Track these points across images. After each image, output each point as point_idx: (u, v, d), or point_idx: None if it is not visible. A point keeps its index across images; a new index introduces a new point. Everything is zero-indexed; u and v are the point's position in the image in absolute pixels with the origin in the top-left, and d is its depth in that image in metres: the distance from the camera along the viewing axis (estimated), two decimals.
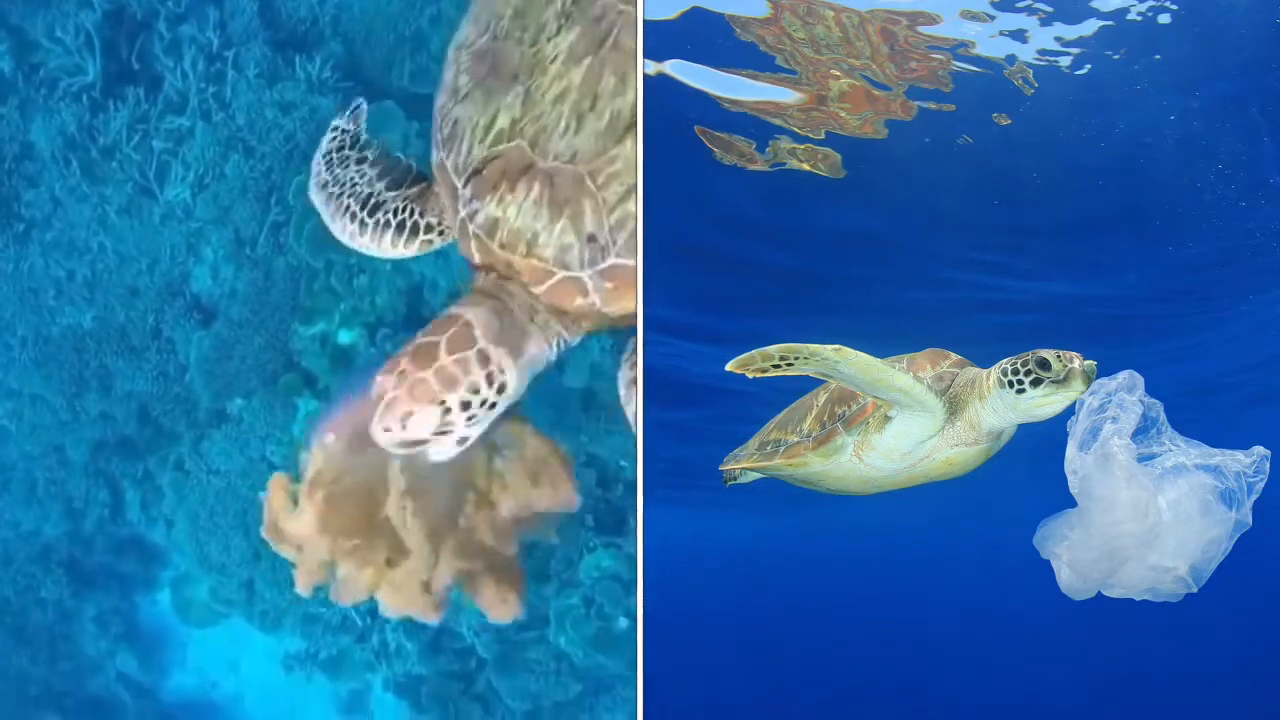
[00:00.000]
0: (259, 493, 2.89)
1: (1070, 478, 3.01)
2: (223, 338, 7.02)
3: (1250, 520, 3.03)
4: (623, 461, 6.79)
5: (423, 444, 2.57)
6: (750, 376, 2.77)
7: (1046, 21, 4.39)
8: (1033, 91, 4.66)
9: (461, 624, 7.11)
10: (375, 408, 2.53)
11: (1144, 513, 2.96)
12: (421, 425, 2.54)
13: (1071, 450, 3.01)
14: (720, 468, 3.66)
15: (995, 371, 2.91)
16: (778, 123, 4.83)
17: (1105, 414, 2.98)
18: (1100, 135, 4.84)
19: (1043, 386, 2.82)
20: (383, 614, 2.94)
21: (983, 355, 3.08)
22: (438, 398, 2.53)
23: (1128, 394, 2.99)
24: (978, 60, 4.54)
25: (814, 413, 3.20)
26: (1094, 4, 4.32)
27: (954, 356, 3.10)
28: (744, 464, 3.43)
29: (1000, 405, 2.90)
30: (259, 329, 6.95)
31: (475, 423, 2.60)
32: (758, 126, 4.84)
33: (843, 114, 4.78)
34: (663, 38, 4.41)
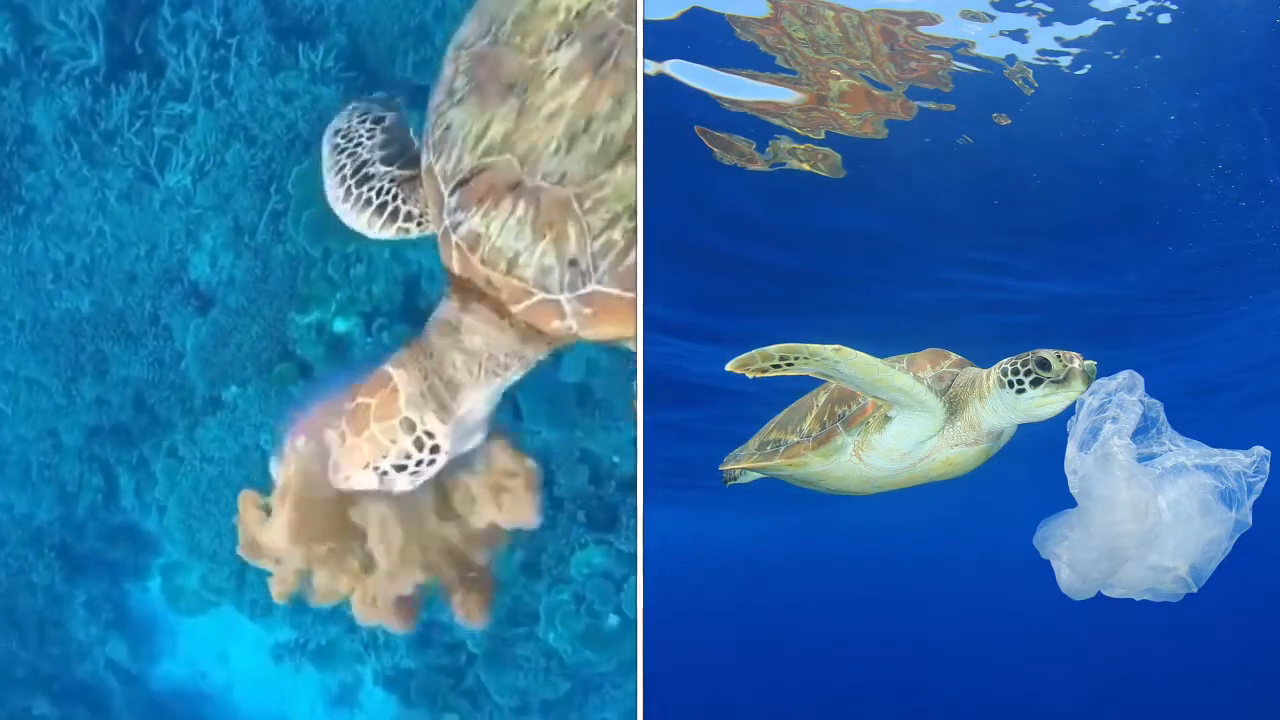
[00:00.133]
0: (252, 481, 2.92)
1: (1070, 478, 3.01)
2: (220, 325, 7.00)
3: (1250, 520, 3.03)
4: (616, 458, 6.75)
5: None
6: (750, 376, 2.76)
7: (1046, 21, 4.39)
8: (1033, 91, 4.66)
9: (451, 617, 7.09)
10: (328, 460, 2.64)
11: (1144, 513, 2.96)
12: (363, 483, 2.65)
13: (1071, 450, 3.01)
14: (720, 468, 3.66)
15: (995, 371, 2.91)
16: (778, 123, 4.83)
17: (1105, 414, 2.98)
18: (1100, 135, 4.84)
19: (1043, 386, 2.82)
20: (358, 621, 3.00)
21: (983, 355, 3.08)
22: (371, 464, 2.61)
23: (1128, 394, 2.99)
24: (978, 60, 4.54)
25: (814, 413, 3.20)
26: (1094, 4, 4.32)
27: (954, 356, 3.11)
28: (744, 464, 3.43)
29: (1000, 405, 2.90)
30: (256, 317, 6.92)
31: (419, 476, 2.65)
32: (758, 126, 4.84)
33: (843, 114, 4.78)
34: (663, 38, 4.40)
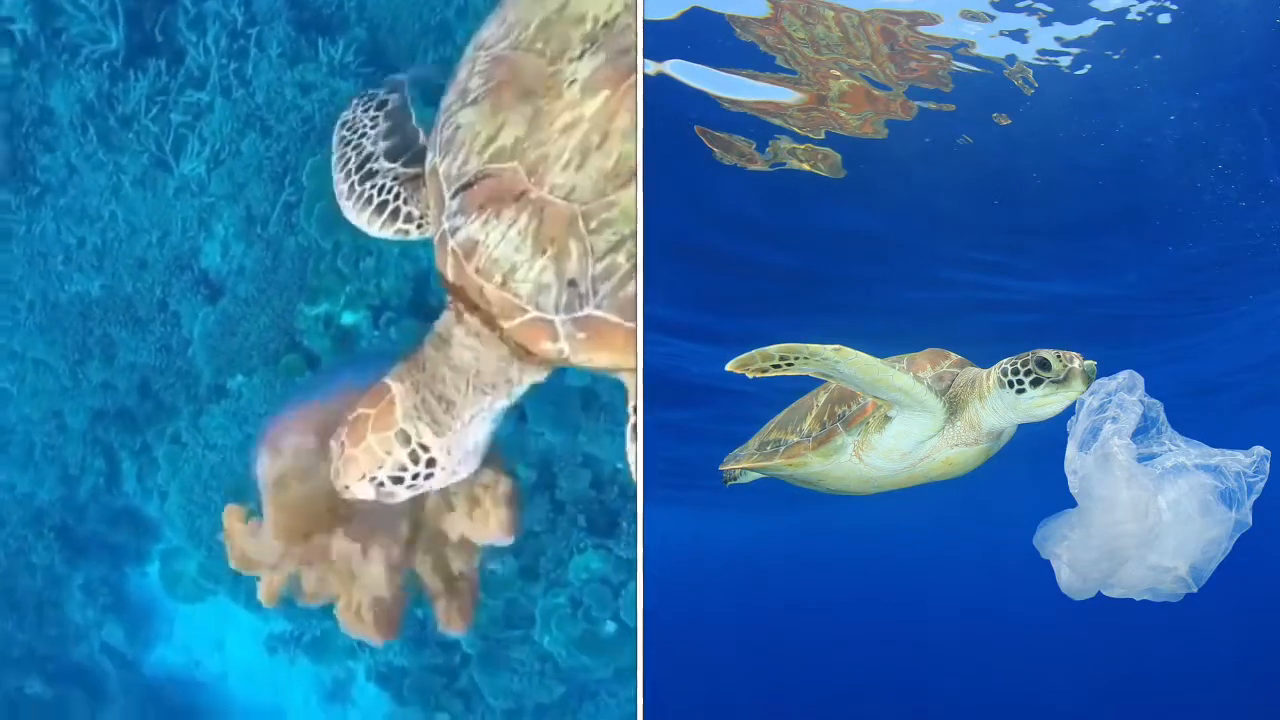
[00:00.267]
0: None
1: (1070, 478, 3.01)
2: (228, 314, 7.01)
3: (1250, 520, 3.03)
4: (619, 464, 6.74)
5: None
6: (750, 376, 2.76)
7: (1046, 21, 4.39)
8: (1033, 91, 4.66)
9: None
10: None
11: (1144, 513, 2.97)
12: (361, 493, 2.62)
13: (1071, 450, 3.01)
14: (720, 468, 3.66)
15: (995, 371, 2.91)
16: (778, 123, 4.83)
17: (1105, 414, 2.98)
18: (1100, 135, 4.83)
19: (1043, 386, 2.82)
20: (342, 629, 3.00)
21: (983, 355, 3.08)
22: (367, 475, 2.58)
23: (1128, 394, 2.99)
24: (978, 60, 4.54)
25: (814, 413, 3.20)
26: (1094, 4, 4.32)
27: (954, 356, 3.11)
28: (744, 464, 3.44)
29: (1000, 405, 2.90)
30: (265, 308, 6.93)
31: (416, 489, 2.62)
32: (758, 126, 4.84)
33: (843, 114, 4.77)
34: (663, 38, 4.40)
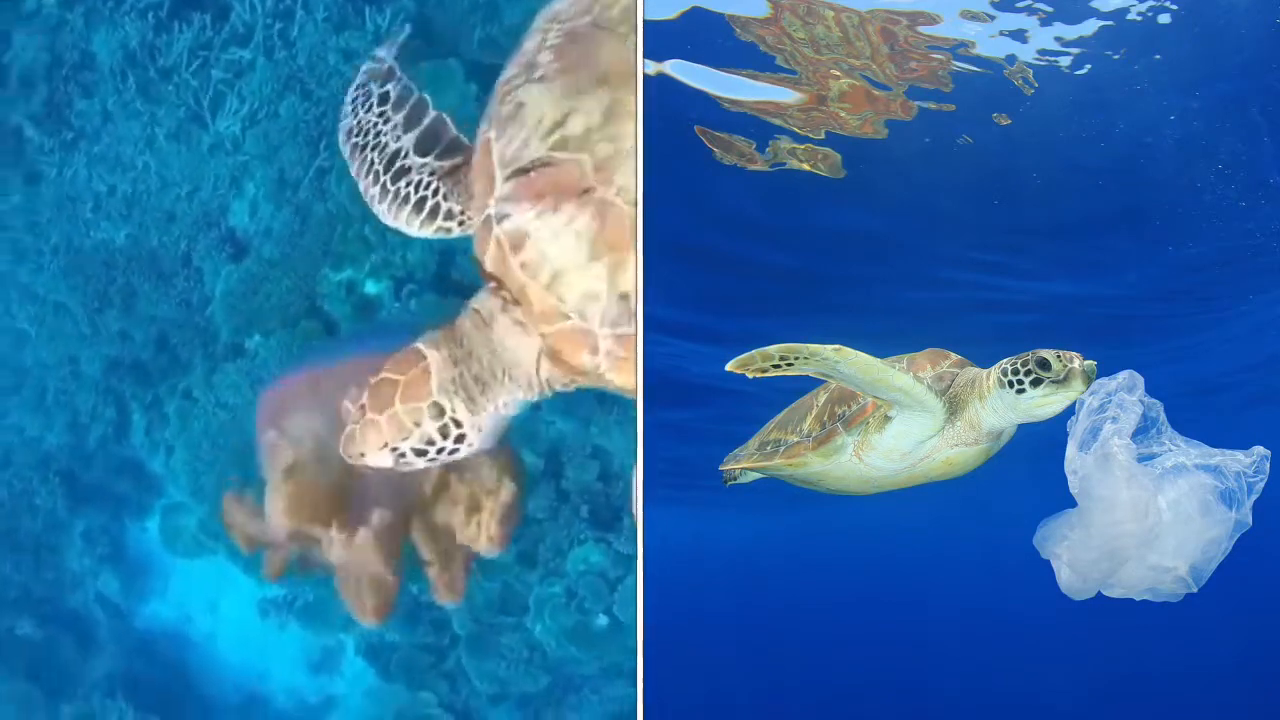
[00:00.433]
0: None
1: (1070, 478, 3.01)
2: (251, 274, 7.00)
3: (1250, 520, 3.03)
4: (628, 460, 6.75)
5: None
6: (750, 376, 2.76)
7: (1046, 21, 4.39)
8: (1033, 91, 4.66)
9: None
10: (341, 433, 2.48)
11: (1144, 513, 2.97)
12: (377, 462, 2.47)
13: (1071, 450, 3.01)
14: (720, 468, 3.66)
15: (995, 371, 2.91)
16: (778, 123, 4.83)
17: (1105, 414, 2.98)
18: (1100, 135, 4.83)
19: (1043, 386, 2.82)
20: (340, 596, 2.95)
21: (983, 355, 3.08)
22: (389, 444, 2.41)
23: (1128, 394, 2.99)
24: (978, 60, 4.54)
25: (814, 413, 3.20)
26: (1094, 4, 4.32)
27: (954, 356, 3.11)
28: (744, 464, 3.44)
29: (1000, 405, 2.90)
30: (289, 271, 6.92)
31: (436, 462, 2.48)
32: (758, 126, 4.84)
33: (843, 114, 4.77)
34: (663, 38, 4.40)
